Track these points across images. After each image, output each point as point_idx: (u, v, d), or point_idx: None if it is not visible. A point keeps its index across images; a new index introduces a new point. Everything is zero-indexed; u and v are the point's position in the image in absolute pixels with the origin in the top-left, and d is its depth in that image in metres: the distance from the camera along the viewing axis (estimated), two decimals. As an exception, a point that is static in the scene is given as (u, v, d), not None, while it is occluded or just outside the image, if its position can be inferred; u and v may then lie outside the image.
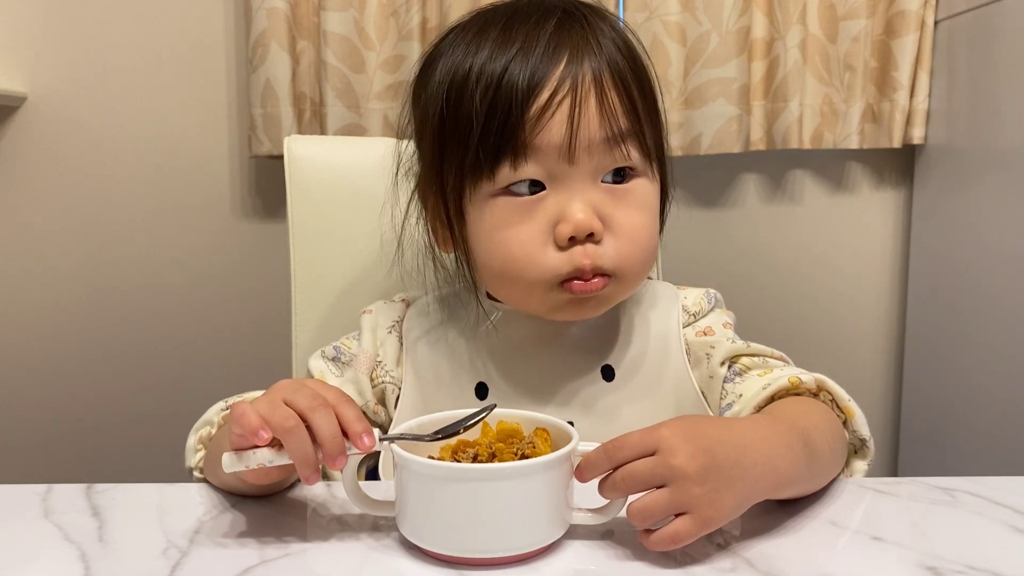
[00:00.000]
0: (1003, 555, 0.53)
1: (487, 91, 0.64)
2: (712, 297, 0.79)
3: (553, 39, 0.65)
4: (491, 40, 0.66)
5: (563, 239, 0.64)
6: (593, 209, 0.65)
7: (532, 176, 0.65)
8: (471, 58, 0.66)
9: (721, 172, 1.58)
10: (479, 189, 0.67)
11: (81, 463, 1.61)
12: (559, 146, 0.64)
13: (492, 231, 0.67)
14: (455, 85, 0.66)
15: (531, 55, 0.64)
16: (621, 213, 0.66)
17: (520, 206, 0.66)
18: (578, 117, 0.64)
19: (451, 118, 0.67)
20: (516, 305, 0.72)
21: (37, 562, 0.54)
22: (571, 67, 0.64)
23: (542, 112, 0.63)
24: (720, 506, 0.51)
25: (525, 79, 0.63)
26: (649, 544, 0.51)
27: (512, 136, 0.64)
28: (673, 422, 0.53)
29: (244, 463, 0.54)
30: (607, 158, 0.66)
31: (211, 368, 1.59)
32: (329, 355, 0.77)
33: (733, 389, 0.71)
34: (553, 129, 0.64)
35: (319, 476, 0.53)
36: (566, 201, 0.65)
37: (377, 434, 0.53)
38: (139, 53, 1.52)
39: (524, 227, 0.66)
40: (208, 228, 1.57)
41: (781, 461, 0.55)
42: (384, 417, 0.76)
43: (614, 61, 0.66)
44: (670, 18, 1.43)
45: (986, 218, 1.33)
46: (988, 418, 1.33)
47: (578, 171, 0.65)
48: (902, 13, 1.45)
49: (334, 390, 0.56)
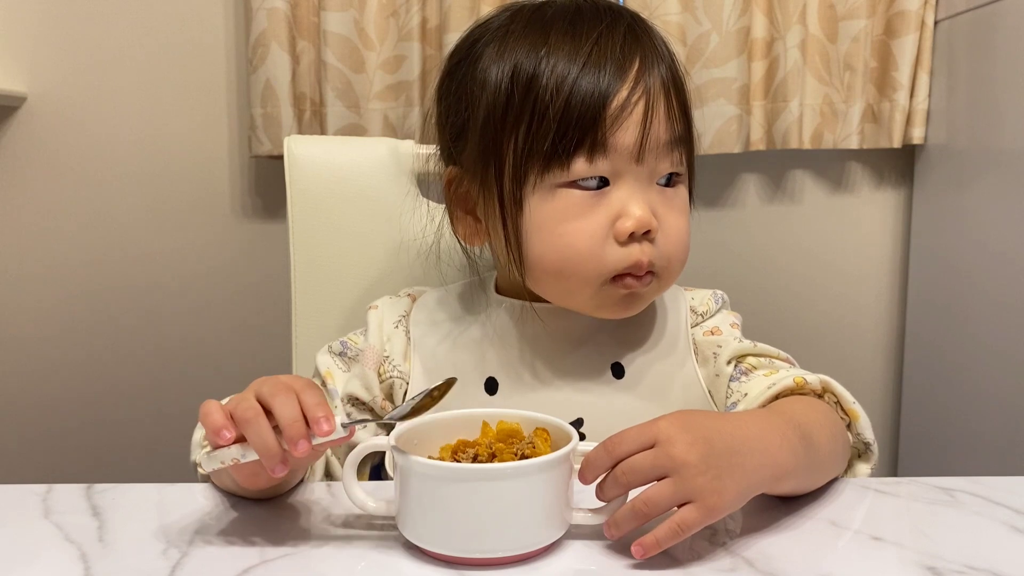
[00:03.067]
0: (1003, 555, 0.53)
1: (564, 87, 0.66)
2: (719, 298, 0.80)
3: (627, 44, 0.68)
4: (561, 37, 0.68)
5: (624, 235, 0.67)
6: (651, 208, 0.68)
7: (604, 172, 0.67)
8: (542, 54, 0.67)
9: (721, 172, 1.58)
10: (545, 179, 0.68)
11: (81, 463, 1.61)
12: (631, 145, 0.66)
13: (556, 222, 0.68)
14: (523, 77, 0.67)
15: (608, 56, 0.67)
16: (670, 215, 0.69)
17: (586, 199, 0.68)
18: (651, 119, 0.67)
19: (518, 110, 0.67)
20: (560, 300, 0.72)
21: (37, 562, 0.54)
22: (643, 72, 0.67)
23: (620, 111, 0.66)
24: (723, 494, 0.51)
25: (606, 78, 0.66)
26: (656, 541, 0.51)
27: (592, 131, 0.66)
28: (670, 415, 0.54)
29: (219, 460, 0.54)
30: (665, 161, 0.69)
31: (211, 368, 1.59)
32: (336, 350, 0.78)
33: (738, 388, 0.72)
34: (629, 129, 0.66)
35: (286, 468, 0.53)
36: (628, 198, 0.67)
37: (339, 420, 0.53)
38: (139, 53, 1.52)
39: (587, 220, 0.67)
40: (208, 228, 1.57)
41: (778, 451, 0.56)
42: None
43: (673, 69, 0.70)
44: (670, 18, 1.43)
45: (986, 218, 1.33)
46: (988, 418, 1.32)
47: (642, 171, 0.68)
48: (902, 13, 1.45)
49: (303, 380, 0.56)
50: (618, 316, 0.72)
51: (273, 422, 0.53)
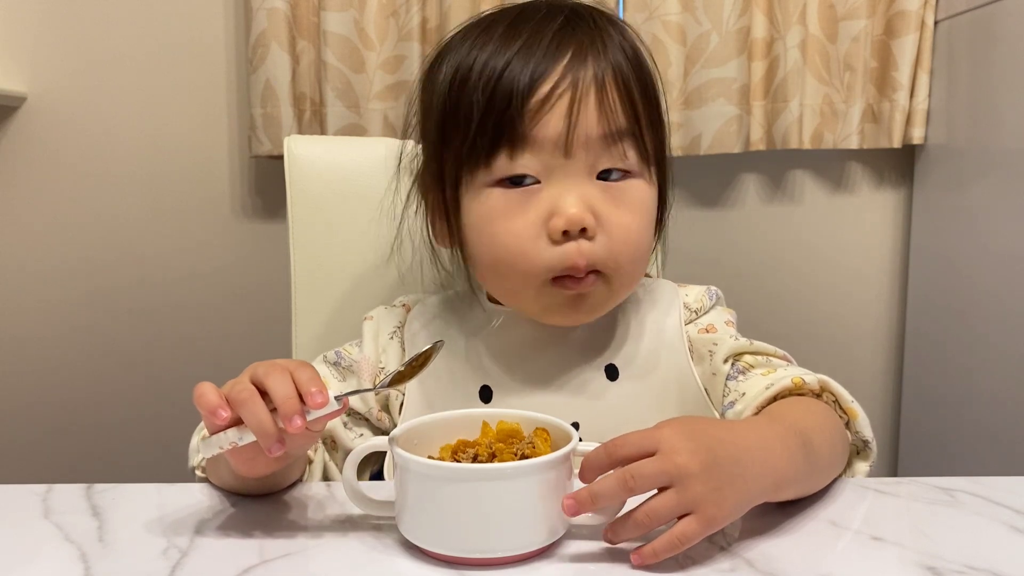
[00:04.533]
0: (1003, 555, 0.53)
1: (488, 82, 0.65)
2: (713, 294, 0.79)
3: (558, 37, 0.66)
4: (497, 36, 0.67)
5: (556, 232, 0.65)
6: (587, 205, 0.65)
7: (528, 168, 0.65)
8: (476, 52, 0.67)
9: (721, 172, 1.58)
10: (475, 179, 0.67)
11: (81, 463, 1.61)
12: (556, 139, 0.64)
13: (486, 222, 0.67)
14: (459, 77, 0.67)
15: (535, 50, 0.65)
16: (615, 211, 0.66)
17: (514, 198, 0.66)
18: (577, 112, 0.64)
19: (452, 110, 0.67)
20: (510, 303, 0.72)
21: (37, 562, 0.54)
22: (573, 64, 0.65)
23: (541, 105, 0.64)
24: (723, 505, 0.51)
25: (528, 72, 0.64)
26: (655, 552, 0.50)
27: (511, 127, 0.64)
28: (673, 422, 0.54)
29: (216, 446, 0.54)
30: (603, 156, 0.66)
31: (211, 368, 1.59)
32: (331, 360, 0.78)
33: (736, 387, 0.71)
34: (551, 122, 0.64)
35: (283, 447, 0.53)
36: (560, 195, 0.65)
37: (332, 394, 0.53)
38: (139, 53, 1.52)
39: (518, 219, 0.66)
40: (208, 228, 1.57)
41: (780, 461, 0.55)
42: (388, 423, 0.76)
43: (617, 63, 0.67)
44: (670, 18, 1.43)
45: (986, 218, 1.33)
46: (988, 418, 1.32)
47: (574, 166, 0.65)
48: (902, 13, 1.45)
49: (297, 360, 0.56)
50: (570, 322, 0.70)
51: (269, 404, 0.53)
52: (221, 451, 0.54)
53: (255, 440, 0.53)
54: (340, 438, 0.73)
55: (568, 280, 0.66)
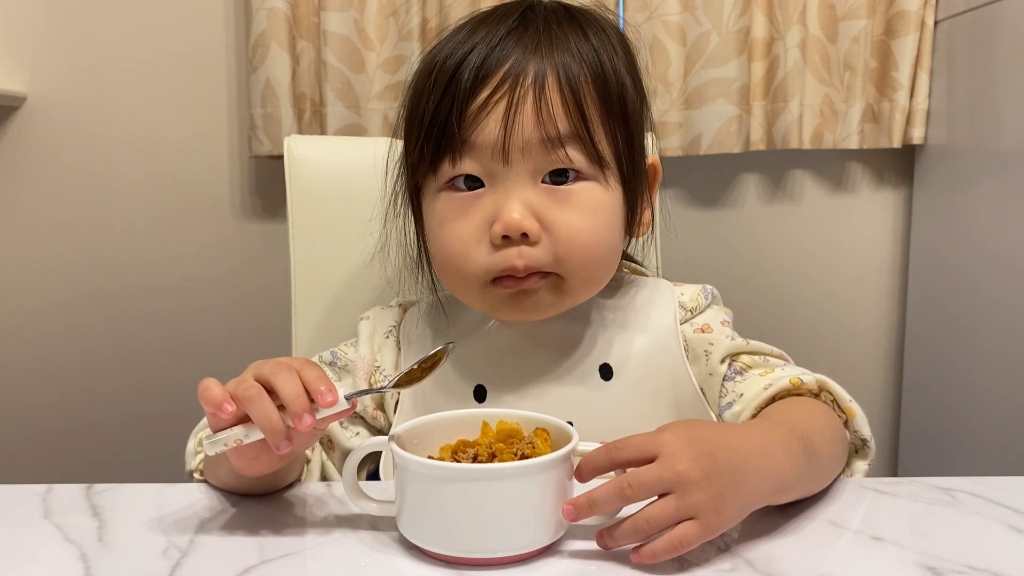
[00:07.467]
0: (1003, 555, 0.53)
1: (437, 88, 0.66)
2: (709, 293, 0.79)
3: (505, 40, 0.66)
4: (455, 41, 0.68)
5: (497, 238, 0.65)
6: (530, 209, 0.65)
7: (469, 172, 0.66)
8: (436, 57, 0.68)
9: (721, 172, 1.58)
10: (428, 184, 0.70)
11: (81, 463, 1.61)
12: (493, 145, 0.65)
13: (436, 225, 0.69)
14: (415, 84, 0.70)
15: (482, 54, 0.66)
16: (561, 215, 0.66)
17: (460, 202, 0.67)
18: (512, 117, 0.64)
19: (410, 116, 0.70)
20: (464, 301, 0.73)
21: (37, 562, 0.54)
22: (515, 68, 0.65)
23: (479, 111, 0.65)
24: (723, 511, 0.51)
25: (470, 78, 0.65)
26: (653, 553, 0.50)
27: (451, 133, 0.65)
28: (675, 427, 0.53)
29: (222, 442, 0.54)
30: (545, 160, 0.66)
31: (211, 368, 1.58)
32: (326, 360, 0.78)
33: (734, 388, 0.71)
34: (488, 128, 0.65)
35: (291, 444, 0.53)
36: (502, 200, 0.66)
37: (341, 393, 0.54)
38: (139, 53, 1.52)
39: (462, 223, 0.67)
40: (208, 228, 1.57)
41: (781, 466, 0.55)
42: (383, 422, 0.76)
43: (564, 64, 0.66)
44: (670, 18, 1.43)
45: (986, 218, 1.33)
46: (988, 418, 1.32)
47: (514, 171, 0.66)
48: (902, 13, 1.45)
49: (300, 359, 0.56)
50: (519, 317, 0.70)
51: (275, 401, 0.53)
52: (227, 448, 0.54)
53: (261, 438, 0.53)
54: (337, 437, 0.73)
55: (508, 280, 0.67)
